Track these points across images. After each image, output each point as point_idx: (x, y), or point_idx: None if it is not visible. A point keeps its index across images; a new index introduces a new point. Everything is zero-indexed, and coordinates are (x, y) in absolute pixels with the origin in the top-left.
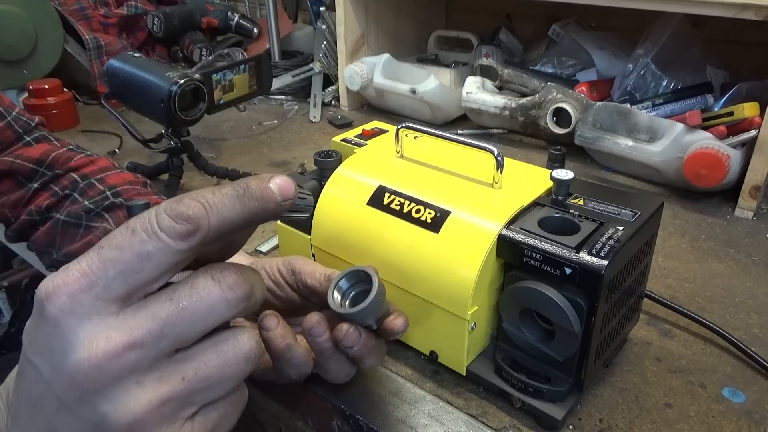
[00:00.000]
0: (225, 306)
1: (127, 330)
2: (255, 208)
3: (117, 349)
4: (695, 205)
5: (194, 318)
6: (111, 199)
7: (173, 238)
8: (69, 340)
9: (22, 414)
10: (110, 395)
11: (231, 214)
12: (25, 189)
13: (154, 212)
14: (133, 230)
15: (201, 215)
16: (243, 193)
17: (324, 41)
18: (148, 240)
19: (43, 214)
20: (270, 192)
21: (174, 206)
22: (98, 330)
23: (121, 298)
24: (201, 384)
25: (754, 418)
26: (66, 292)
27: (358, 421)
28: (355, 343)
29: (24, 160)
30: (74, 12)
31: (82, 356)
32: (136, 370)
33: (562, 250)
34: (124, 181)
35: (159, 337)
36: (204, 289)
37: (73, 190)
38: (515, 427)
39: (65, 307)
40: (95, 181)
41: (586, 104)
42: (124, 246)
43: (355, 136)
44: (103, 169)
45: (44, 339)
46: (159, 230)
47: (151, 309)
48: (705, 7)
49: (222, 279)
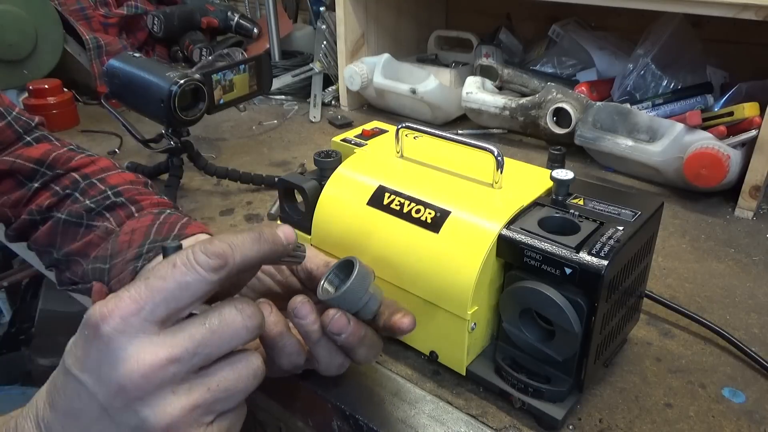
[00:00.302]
0: (245, 332)
1: (168, 347)
2: (267, 249)
3: (161, 363)
4: (695, 205)
5: (221, 341)
6: (112, 198)
7: (207, 271)
8: (120, 354)
9: (56, 427)
10: (151, 402)
11: (250, 254)
12: (25, 189)
13: (191, 250)
14: (174, 264)
15: (228, 253)
16: (258, 237)
17: (324, 41)
18: (187, 272)
19: (43, 214)
20: (278, 237)
21: (207, 246)
22: (145, 346)
23: (162, 321)
24: (221, 395)
25: (754, 418)
26: (119, 315)
27: (358, 421)
28: (341, 330)
29: (24, 159)
30: (74, 12)
31: (133, 368)
32: (173, 381)
33: (562, 250)
34: (125, 181)
35: (193, 354)
36: (230, 317)
37: (74, 189)
38: (515, 427)
39: (118, 327)
40: (96, 180)
41: (586, 104)
42: (167, 277)
43: (355, 136)
44: (104, 169)
45: (94, 355)
46: (196, 264)
47: (188, 331)
48: (705, 7)
49: (243, 310)
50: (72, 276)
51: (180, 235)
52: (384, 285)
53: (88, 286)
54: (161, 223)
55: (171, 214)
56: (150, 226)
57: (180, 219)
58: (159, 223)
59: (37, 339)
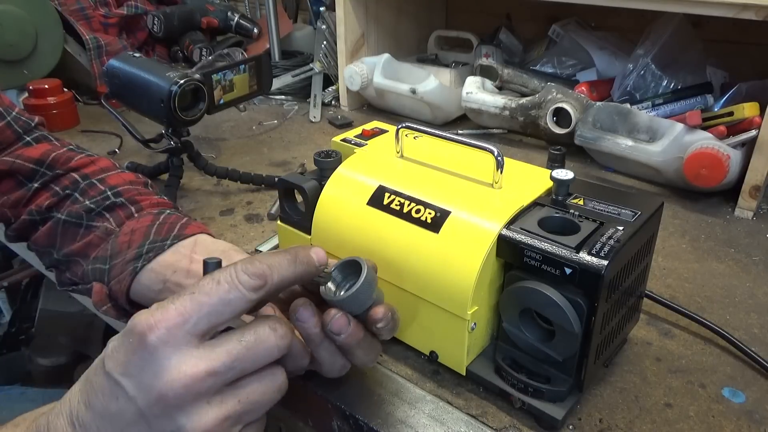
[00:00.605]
0: (277, 351)
1: (208, 360)
2: (302, 271)
3: (200, 375)
4: (695, 205)
5: (255, 357)
6: (112, 198)
7: (248, 290)
8: (163, 364)
9: (91, 424)
10: (188, 411)
11: (287, 275)
12: (25, 189)
13: (234, 269)
14: (218, 281)
15: (267, 274)
16: (294, 259)
17: (324, 41)
18: (230, 290)
19: (43, 214)
20: (312, 259)
21: (248, 266)
22: (186, 358)
23: (203, 334)
24: (249, 407)
25: (754, 418)
26: (164, 326)
27: (358, 421)
28: (341, 330)
29: (24, 160)
30: (74, 12)
31: (174, 377)
32: (209, 392)
33: (562, 250)
34: (125, 181)
35: (229, 368)
36: (264, 335)
37: (74, 190)
38: (515, 427)
39: (163, 338)
40: (96, 181)
41: (586, 104)
42: (212, 293)
43: (355, 136)
44: (104, 169)
45: (137, 362)
46: (239, 283)
47: (225, 346)
48: (705, 7)
49: (277, 330)
50: (72, 276)
51: (179, 235)
52: (384, 285)
53: (88, 287)
54: (161, 223)
55: (171, 214)
56: (150, 226)
57: (180, 219)
58: (159, 224)
59: (37, 339)
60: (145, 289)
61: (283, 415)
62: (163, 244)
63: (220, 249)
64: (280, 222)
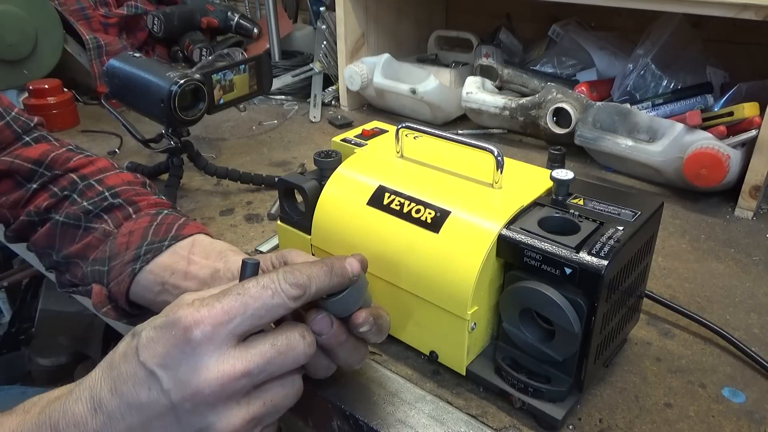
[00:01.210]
0: (304, 357)
1: (244, 361)
2: (337, 282)
3: (236, 375)
4: (695, 205)
5: (285, 362)
6: (110, 200)
7: (289, 299)
8: (204, 361)
9: (116, 412)
10: (219, 409)
11: (323, 285)
12: (24, 189)
13: (277, 276)
14: (264, 286)
15: (307, 284)
16: (330, 271)
17: (324, 41)
18: (273, 296)
19: (42, 215)
20: (347, 271)
21: (290, 276)
22: (226, 357)
23: (241, 335)
24: (271, 409)
25: (754, 418)
26: (210, 323)
27: (358, 421)
28: (323, 331)
29: (23, 160)
30: (74, 12)
31: (212, 375)
32: (240, 393)
33: (562, 250)
34: (123, 181)
35: (261, 371)
36: (295, 341)
37: (72, 191)
38: (515, 427)
39: (207, 334)
40: (94, 182)
41: (586, 104)
42: (257, 296)
43: (355, 136)
44: (102, 169)
45: (177, 355)
46: (281, 290)
47: (259, 348)
48: (705, 7)
49: (305, 337)
50: (72, 278)
51: (177, 236)
52: (384, 285)
53: (88, 288)
54: (158, 224)
55: (168, 215)
56: (147, 227)
57: (177, 219)
58: (156, 225)
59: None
60: (144, 290)
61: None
62: (161, 245)
63: (217, 249)
64: (280, 222)
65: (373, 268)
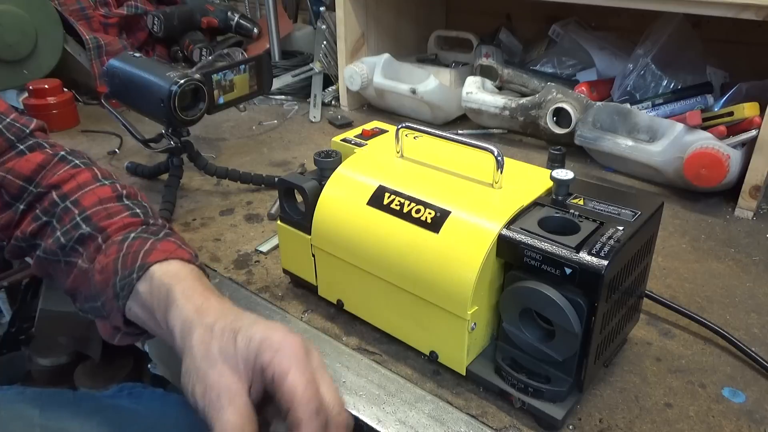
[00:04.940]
0: None
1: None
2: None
3: None
4: (695, 205)
5: None
6: (81, 227)
7: None
8: None
9: None
10: None
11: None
12: (12, 210)
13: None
14: None
15: None
16: None
17: (324, 41)
18: None
19: (28, 241)
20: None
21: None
22: None
23: None
24: None
25: (754, 418)
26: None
27: (358, 420)
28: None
29: (15, 176)
30: (74, 12)
31: None
32: None
33: (562, 250)
34: (97, 200)
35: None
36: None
37: (52, 216)
38: (515, 427)
39: None
40: (70, 204)
41: (586, 104)
42: None
43: (355, 136)
44: (81, 185)
45: None
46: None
47: None
48: (705, 7)
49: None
50: (80, 308)
51: (143, 265)
52: (384, 285)
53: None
54: (125, 254)
55: (135, 239)
56: (116, 260)
57: (144, 244)
58: (123, 255)
59: (37, 339)
60: (138, 319)
61: None
62: (131, 278)
63: (164, 292)
64: (280, 222)
65: (373, 268)
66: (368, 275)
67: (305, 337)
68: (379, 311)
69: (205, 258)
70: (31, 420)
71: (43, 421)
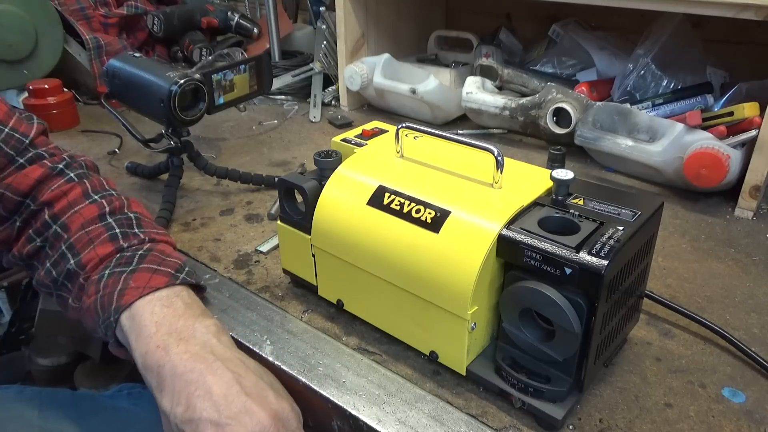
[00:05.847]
0: None
1: None
2: None
3: None
4: (695, 205)
5: None
6: (68, 260)
7: None
8: None
9: None
10: None
11: None
12: (9, 225)
13: None
14: None
15: None
16: None
17: (324, 41)
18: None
19: (26, 261)
20: None
21: None
22: None
23: None
24: None
25: (754, 418)
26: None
27: (358, 421)
28: None
29: (12, 192)
30: (74, 12)
31: None
32: None
33: (562, 250)
34: (81, 223)
35: None
36: None
37: (45, 240)
38: (515, 427)
39: None
40: (59, 229)
41: (586, 104)
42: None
43: (355, 136)
44: (72, 203)
45: None
46: None
47: None
48: (705, 7)
49: None
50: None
51: (118, 307)
52: (384, 285)
53: None
54: (101, 296)
55: (110, 276)
56: (95, 302)
57: (117, 283)
58: (100, 297)
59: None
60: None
61: None
62: (110, 321)
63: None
64: (280, 222)
65: (373, 268)
66: (368, 275)
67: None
68: (379, 311)
69: (205, 258)
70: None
71: (41, 422)
